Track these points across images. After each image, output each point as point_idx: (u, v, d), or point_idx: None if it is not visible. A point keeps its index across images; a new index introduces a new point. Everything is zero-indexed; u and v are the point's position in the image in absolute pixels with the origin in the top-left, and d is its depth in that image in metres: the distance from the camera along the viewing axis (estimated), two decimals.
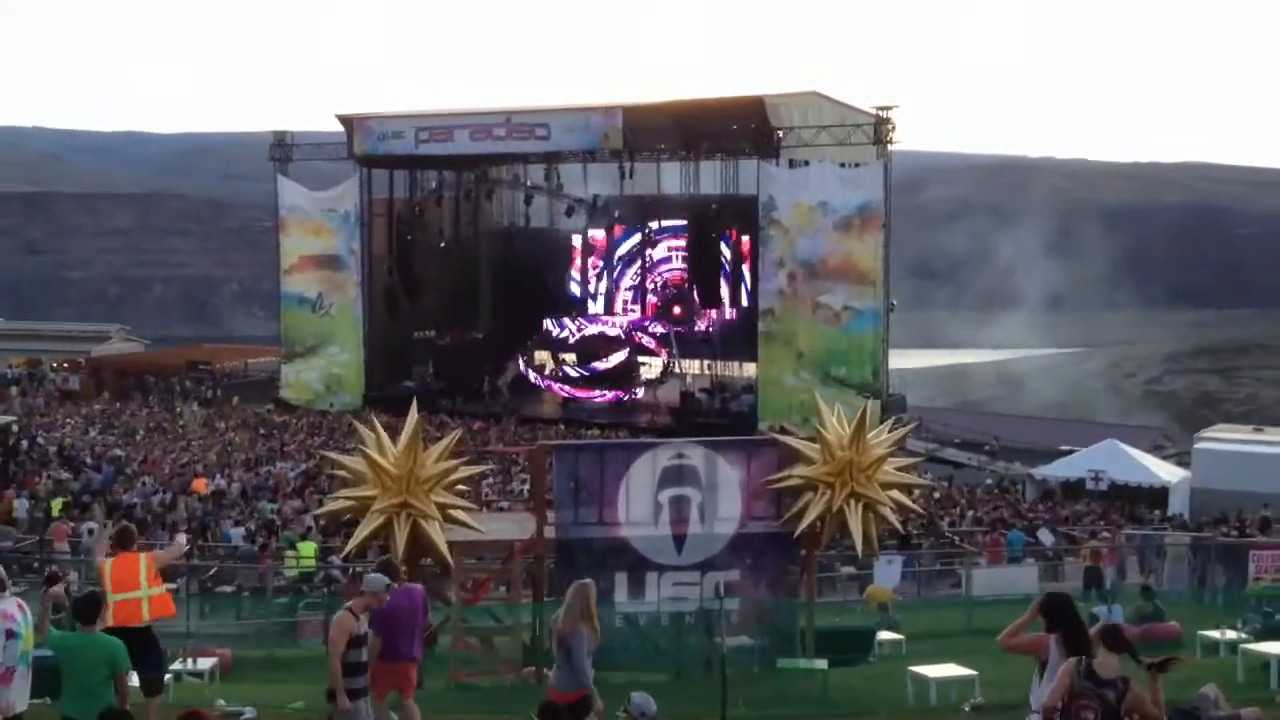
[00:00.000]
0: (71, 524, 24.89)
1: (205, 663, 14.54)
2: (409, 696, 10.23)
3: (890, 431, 14.22)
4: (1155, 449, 42.18)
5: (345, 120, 51.25)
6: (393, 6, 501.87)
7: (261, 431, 42.43)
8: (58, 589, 11.32)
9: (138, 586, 10.21)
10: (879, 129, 42.06)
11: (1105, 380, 79.79)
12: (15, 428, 35.33)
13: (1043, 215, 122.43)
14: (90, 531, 23.06)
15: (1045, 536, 25.78)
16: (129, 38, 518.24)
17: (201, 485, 29.56)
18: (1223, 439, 37.57)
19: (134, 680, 9.14)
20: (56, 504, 26.75)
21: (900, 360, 62.32)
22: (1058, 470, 36.54)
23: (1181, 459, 39.73)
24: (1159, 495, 33.41)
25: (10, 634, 8.13)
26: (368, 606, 9.61)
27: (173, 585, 21.26)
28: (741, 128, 43.66)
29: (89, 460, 34.07)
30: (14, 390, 55.70)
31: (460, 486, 13.55)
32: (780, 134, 42.83)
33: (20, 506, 27.05)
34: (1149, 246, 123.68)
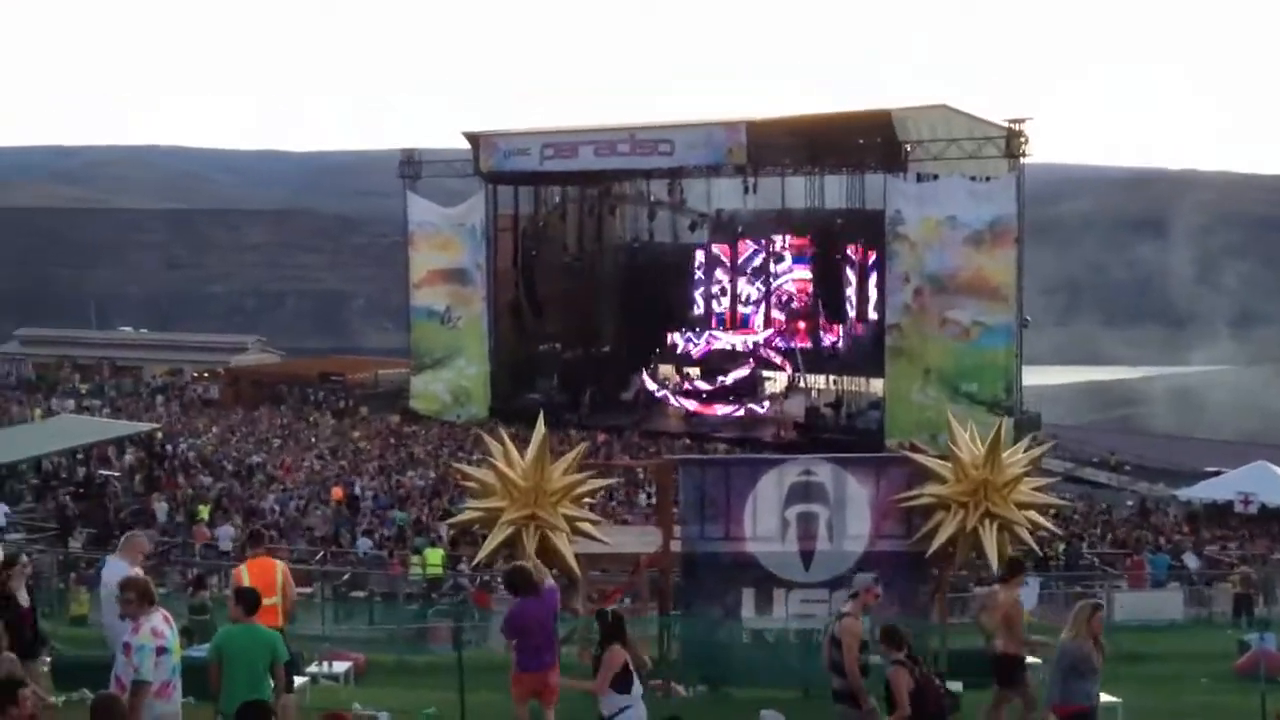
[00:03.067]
0: (210, 529, 25.64)
1: (340, 666, 14.78)
2: (550, 706, 10.10)
3: (1026, 450, 13.86)
4: None
5: (472, 137, 52.04)
6: (519, 25, 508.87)
7: (391, 441, 43.22)
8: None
9: (274, 592, 10.33)
10: (1011, 141, 41.29)
11: (1246, 399, 76.83)
12: (159, 434, 36.56)
13: (1187, 229, 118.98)
14: (229, 537, 23.73)
15: (1191, 560, 24.90)
16: (266, 60, 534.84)
17: (340, 493, 30.18)
18: None
19: None
20: (204, 509, 27.50)
21: (1040, 376, 60.96)
22: (1204, 492, 35.35)
23: None
24: None
25: (161, 650, 8.23)
26: (865, 606, 9.96)
27: (308, 589, 21.94)
28: (868, 142, 43.25)
29: (228, 466, 35.07)
30: (158, 399, 57.68)
31: (587, 499, 13.57)
32: (908, 148, 42.29)
33: (160, 510, 27.96)
34: None
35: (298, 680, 11.93)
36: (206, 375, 64.13)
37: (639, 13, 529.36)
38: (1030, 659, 11.20)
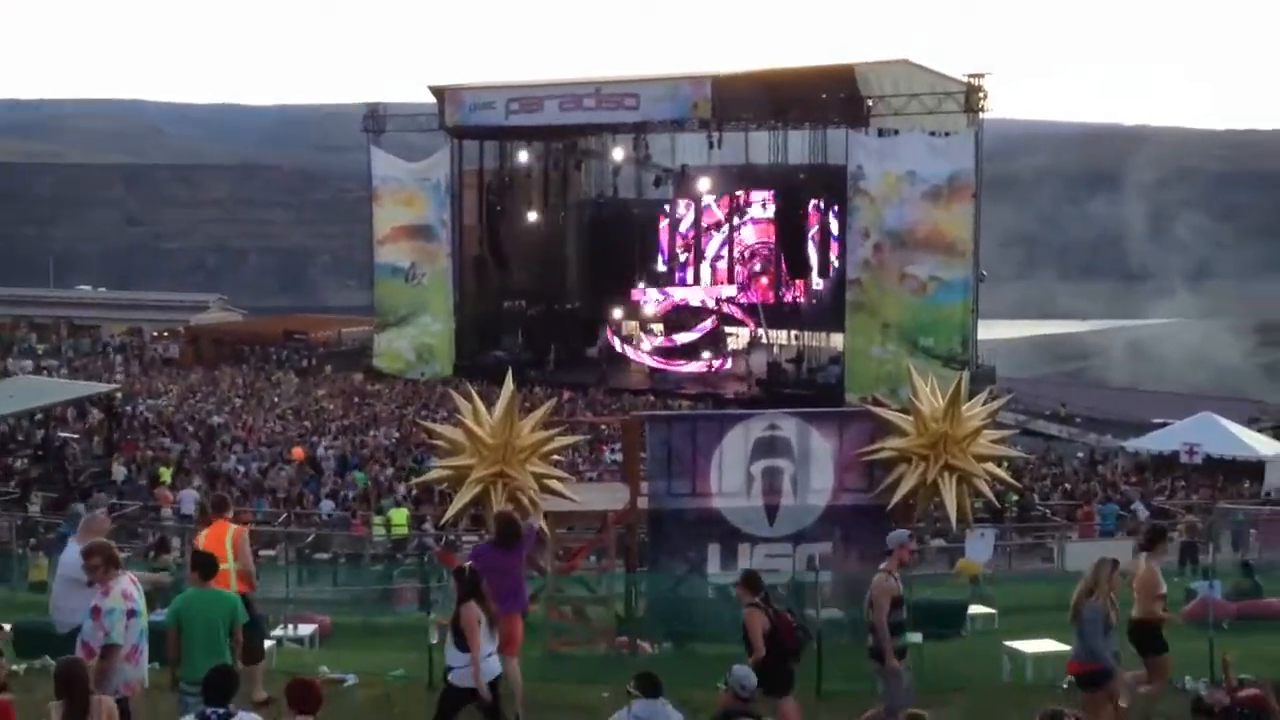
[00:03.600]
0: (170, 491, 25.48)
1: (305, 629, 14.81)
2: (512, 653, 10.11)
3: (985, 404, 14.09)
4: (1251, 422, 41.20)
5: (437, 91, 51.68)
6: None
7: (355, 400, 43.12)
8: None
9: (225, 558, 10.22)
10: (970, 97, 41.47)
11: (1196, 351, 77.81)
12: (119, 395, 36.26)
13: (1142, 184, 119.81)
14: (192, 500, 23.64)
15: (1140, 510, 25.38)
16: (225, 11, 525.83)
17: (300, 453, 30.12)
18: None
19: None
20: (165, 472, 27.31)
21: (996, 330, 61.45)
22: (1151, 443, 35.90)
23: (1278, 432, 38.80)
24: (1255, 469, 32.67)
25: (131, 613, 8.29)
26: (901, 563, 10.00)
27: (271, 552, 21.96)
28: (831, 97, 43.24)
29: (189, 428, 34.87)
30: (117, 359, 57.22)
31: (555, 456, 13.69)
32: (870, 103, 42.37)
33: (119, 472, 27.72)
34: (1247, 216, 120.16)
35: (265, 644, 11.99)
36: (166, 334, 63.68)
37: None
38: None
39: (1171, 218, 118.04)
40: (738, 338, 50.19)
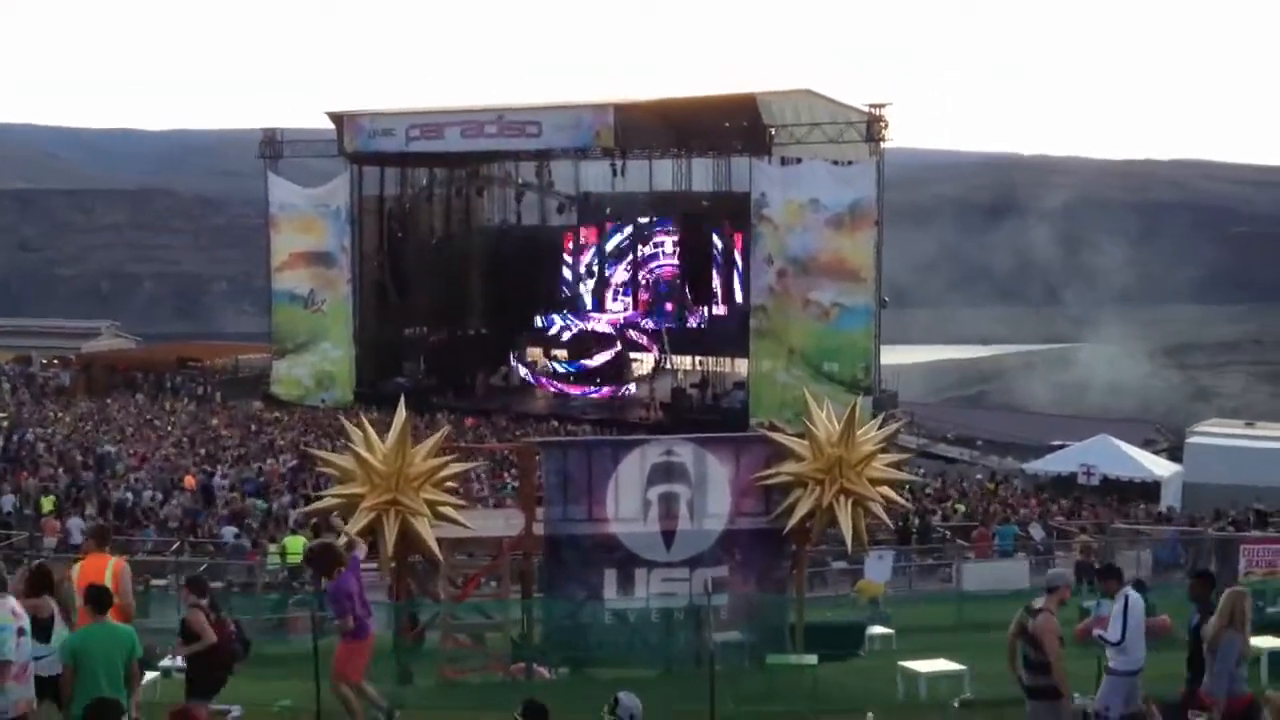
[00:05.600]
0: (59, 520, 24.81)
1: None
2: (357, 678, 10.66)
3: (880, 428, 14.21)
4: (1147, 443, 42.25)
5: (335, 117, 51.15)
6: (383, 4, 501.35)
7: (253, 428, 42.35)
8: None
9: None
10: (871, 126, 42.06)
11: (1101, 375, 79.85)
12: (5, 424, 35.24)
13: (1046, 212, 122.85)
14: (79, 529, 22.98)
15: (1036, 531, 25.80)
16: (120, 35, 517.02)
17: (192, 482, 29.48)
18: (1215, 433, 37.64)
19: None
20: (47, 501, 26.62)
21: (897, 356, 62.33)
22: (1049, 465, 36.58)
23: (1174, 453, 39.81)
24: (1151, 490, 33.45)
25: (21, 631, 8.07)
26: (1062, 601, 9.76)
27: (162, 581, 21.37)
28: (733, 125, 43.64)
29: (79, 457, 33.97)
30: (5, 386, 55.52)
31: (449, 483, 13.52)
32: (772, 131, 42.80)
33: (6, 502, 26.93)
34: (1145, 243, 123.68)
35: (149, 675, 11.68)
36: (57, 362, 61.98)
37: None
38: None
39: (1076, 245, 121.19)
40: (642, 364, 50.27)
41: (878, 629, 16.40)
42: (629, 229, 51.50)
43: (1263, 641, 12.75)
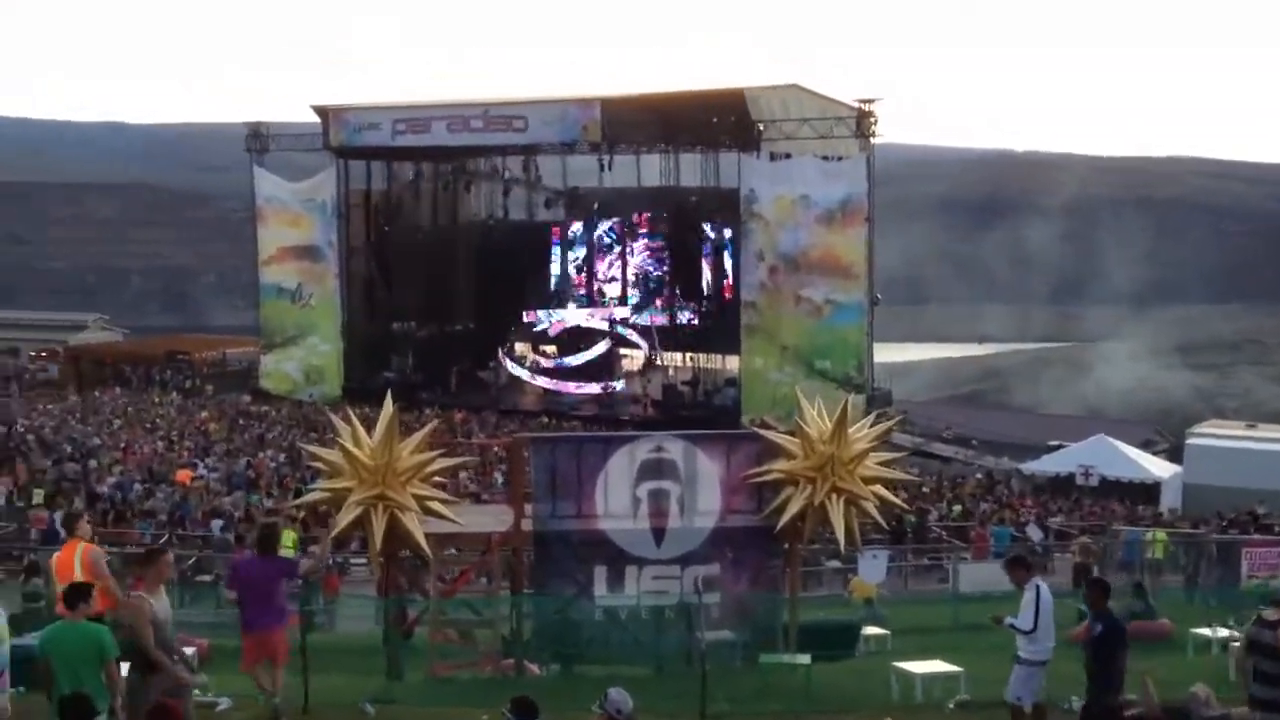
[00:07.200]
0: (47, 512, 24.67)
1: (188, 650, 14.27)
2: (280, 665, 10.63)
3: (873, 426, 14.08)
4: (1146, 444, 42.15)
5: (321, 111, 50.84)
6: None
7: (240, 422, 42.17)
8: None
9: (73, 576, 10.01)
10: (861, 122, 41.94)
11: (1099, 375, 79.75)
12: None
13: (1040, 209, 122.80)
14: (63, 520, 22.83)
15: (1034, 532, 25.64)
16: (109, 29, 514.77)
17: (186, 476, 29.30)
18: (1215, 435, 37.50)
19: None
20: (38, 494, 26.49)
21: (892, 354, 62.20)
22: (1047, 465, 36.46)
23: (1174, 455, 39.67)
24: (1150, 491, 33.29)
25: None
26: None
27: None
28: (721, 120, 43.44)
29: (67, 449, 33.84)
30: None
31: (437, 478, 13.38)
32: (761, 126, 42.63)
33: None
34: (1140, 241, 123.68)
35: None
36: (44, 354, 61.75)
37: None
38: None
39: (1073, 243, 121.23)
40: (632, 360, 50.13)
41: (873, 629, 16.27)
42: (617, 224, 51.35)
43: None
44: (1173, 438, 46.06)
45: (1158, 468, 35.30)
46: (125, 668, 8.84)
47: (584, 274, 52.51)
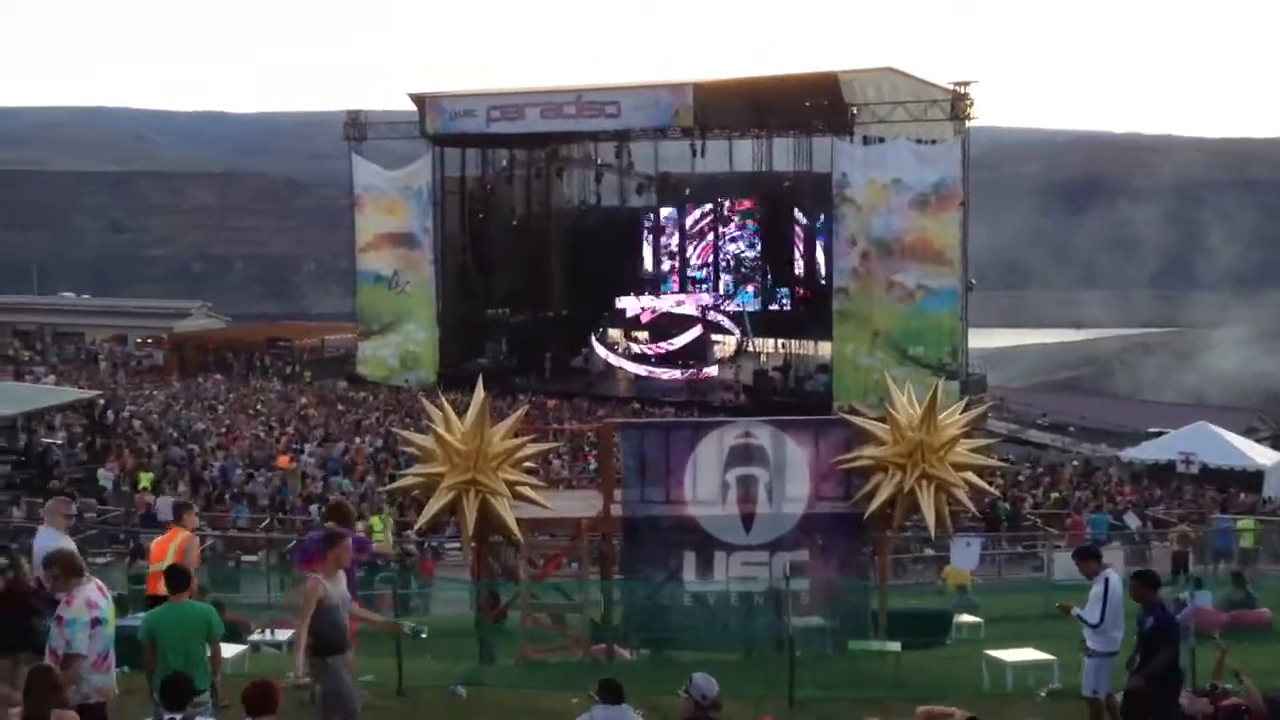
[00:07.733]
0: (153, 497, 25.35)
1: (283, 634, 14.62)
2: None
3: (964, 412, 13.96)
4: (1249, 431, 41.04)
5: (417, 99, 51.44)
6: None
7: (339, 408, 42.89)
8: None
9: (166, 561, 10.33)
10: (956, 105, 41.40)
11: (1201, 361, 77.74)
12: (102, 401, 36.01)
13: (1138, 192, 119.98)
14: (169, 506, 23.45)
15: (1132, 520, 25.21)
16: (209, 20, 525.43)
17: (286, 461, 29.88)
18: None
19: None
20: (146, 478, 27.16)
21: (988, 340, 61.27)
22: (1146, 453, 35.73)
23: (1277, 442, 38.66)
24: (1253, 479, 32.45)
25: (96, 621, 8.15)
26: None
27: (253, 557, 21.90)
28: (814, 104, 43.12)
29: (173, 434, 34.66)
30: (101, 365, 56.91)
31: (528, 464, 13.54)
32: (854, 110, 42.26)
33: (106, 478, 27.61)
34: (1244, 223, 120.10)
35: (236, 649, 11.89)
36: (150, 341, 63.37)
37: None
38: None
39: (1175, 226, 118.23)
40: (724, 346, 50.06)
41: (965, 617, 16.15)
42: (709, 209, 51.28)
43: None
44: (1276, 424, 44.82)
45: (1261, 455, 34.35)
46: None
47: (676, 260, 52.54)
